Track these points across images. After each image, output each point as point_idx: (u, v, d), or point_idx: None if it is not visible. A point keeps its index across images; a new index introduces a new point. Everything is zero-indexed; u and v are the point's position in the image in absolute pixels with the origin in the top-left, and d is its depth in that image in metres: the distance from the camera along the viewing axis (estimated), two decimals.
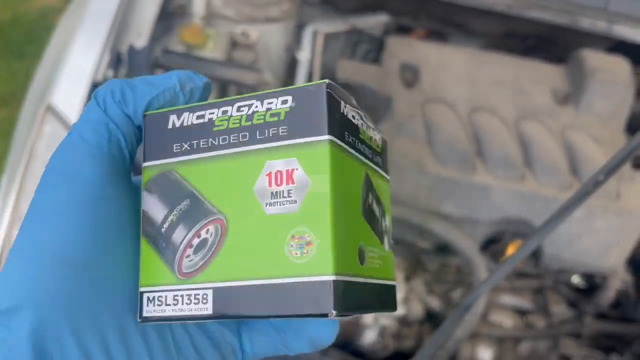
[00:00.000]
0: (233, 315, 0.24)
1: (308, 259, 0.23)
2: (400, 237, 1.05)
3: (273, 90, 0.25)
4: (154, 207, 0.26)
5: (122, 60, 0.96)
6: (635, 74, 1.22)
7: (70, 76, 0.91)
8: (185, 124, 0.26)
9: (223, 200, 0.25)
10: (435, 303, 1.10)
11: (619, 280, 1.11)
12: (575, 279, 1.21)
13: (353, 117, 0.26)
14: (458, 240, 1.01)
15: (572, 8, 1.21)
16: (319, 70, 1.21)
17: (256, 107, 0.25)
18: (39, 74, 1.09)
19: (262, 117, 0.25)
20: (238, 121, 0.25)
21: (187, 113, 0.26)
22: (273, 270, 0.23)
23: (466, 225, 1.04)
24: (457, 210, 1.02)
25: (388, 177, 0.31)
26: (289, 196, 0.24)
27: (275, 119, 0.24)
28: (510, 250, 1.12)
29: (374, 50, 1.36)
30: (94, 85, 0.91)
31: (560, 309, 1.15)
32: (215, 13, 1.18)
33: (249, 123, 0.25)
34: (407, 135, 1.05)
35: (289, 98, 0.24)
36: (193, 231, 0.25)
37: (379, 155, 0.29)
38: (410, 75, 1.16)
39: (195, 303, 0.24)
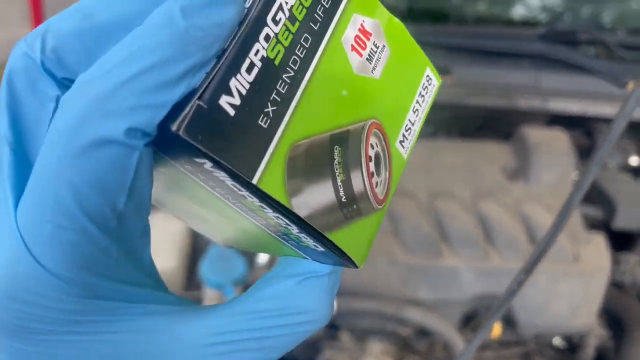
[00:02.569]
0: None
1: None
2: (381, 328, 1.11)
3: None
4: (317, 190, 0.21)
5: None
6: (573, 137, 1.33)
7: None
8: None
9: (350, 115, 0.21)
10: None
11: (595, 337, 1.17)
12: (557, 340, 1.26)
13: None
14: (435, 324, 1.07)
15: (508, 91, 1.34)
16: None
17: None
18: None
19: None
20: None
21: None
22: None
23: (441, 307, 1.10)
24: (430, 295, 1.09)
25: None
26: None
27: None
28: None
29: None
30: None
31: None
32: None
33: None
34: None
35: None
36: (364, 164, 0.22)
37: None
38: None
39: None
